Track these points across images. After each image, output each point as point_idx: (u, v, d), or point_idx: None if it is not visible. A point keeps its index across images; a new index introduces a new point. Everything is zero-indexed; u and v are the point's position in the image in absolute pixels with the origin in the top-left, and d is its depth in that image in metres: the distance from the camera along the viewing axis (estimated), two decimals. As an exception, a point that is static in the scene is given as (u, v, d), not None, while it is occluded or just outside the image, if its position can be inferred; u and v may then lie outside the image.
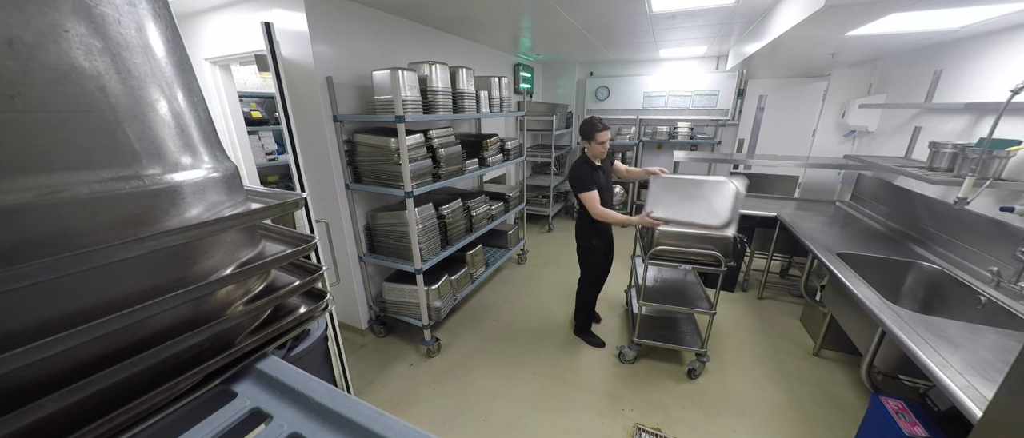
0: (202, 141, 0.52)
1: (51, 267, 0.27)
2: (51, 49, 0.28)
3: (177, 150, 0.46)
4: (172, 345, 0.36)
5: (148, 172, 0.39)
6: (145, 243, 0.34)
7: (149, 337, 0.38)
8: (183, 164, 0.46)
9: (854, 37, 2.52)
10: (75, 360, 0.32)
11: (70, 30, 0.29)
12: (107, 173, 0.35)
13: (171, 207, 0.41)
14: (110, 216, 0.36)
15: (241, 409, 0.48)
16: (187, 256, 0.43)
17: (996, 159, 1.95)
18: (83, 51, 0.31)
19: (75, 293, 0.31)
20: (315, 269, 0.56)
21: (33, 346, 0.25)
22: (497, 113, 3.36)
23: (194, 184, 0.46)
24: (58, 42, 0.29)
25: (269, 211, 0.50)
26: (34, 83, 0.28)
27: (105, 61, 0.38)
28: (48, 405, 0.27)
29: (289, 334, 0.55)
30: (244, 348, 0.49)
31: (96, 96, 0.34)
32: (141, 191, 0.38)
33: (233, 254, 0.49)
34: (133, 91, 0.41)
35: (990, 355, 1.37)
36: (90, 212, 0.34)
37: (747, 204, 3.52)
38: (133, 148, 0.38)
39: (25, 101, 0.28)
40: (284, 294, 0.52)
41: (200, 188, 0.47)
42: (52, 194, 0.30)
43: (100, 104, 0.35)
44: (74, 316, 0.30)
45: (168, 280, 0.39)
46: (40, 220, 0.29)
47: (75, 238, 0.32)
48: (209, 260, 0.45)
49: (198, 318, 0.42)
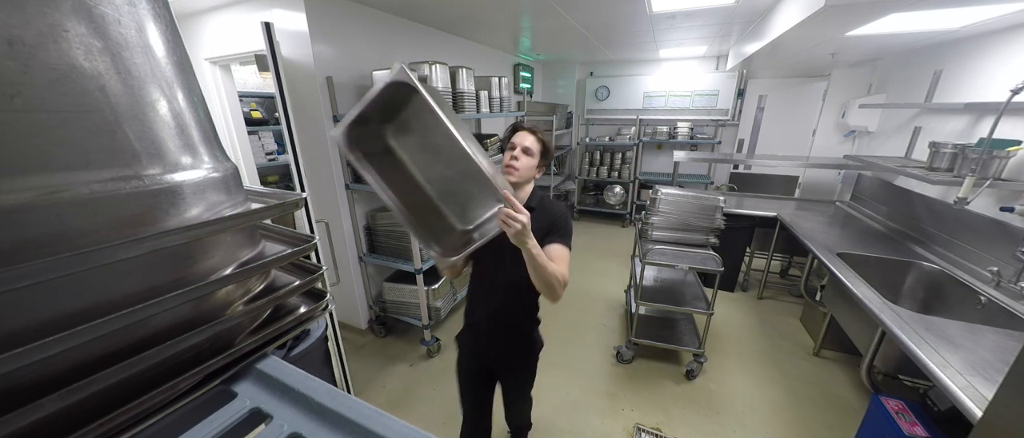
0: (202, 141, 0.52)
1: (51, 267, 0.27)
2: (51, 49, 0.28)
3: (177, 150, 0.46)
4: (172, 345, 0.36)
5: (148, 172, 0.39)
6: (145, 243, 0.34)
7: (149, 337, 0.38)
8: (183, 164, 0.47)
9: (854, 37, 2.52)
10: (75, 360, 0.32)
11: (70, 30, 0.29)
12: (107, 173, 0.35)
13: (171, 207, 0.41)
14: (110, 216, 0.36)
15: (241, 409, 0.48)
16: (187, 256, 0.43)
17: (996, 159, 1.95)
18: (83, 51, 0.31)
19: (75, 293, 0.31)
20: (315, 269, 0.56)
21: (32, 346, 0.25)
22: (497, 113, 3.36)
23: (194, 184, 0.46)
24: (58, 42, 0.29)
25: (269, 211, 0.50)
26: (34, 83, 0.28)
27: (105, 61, 0.38)
28: (48, 405, 0.27)
29: (289, 334, 0.55)
30: (244, 348, 0.49)
31: (96, 96, 0.34)
32: (141, 191, 0.38)
33: (233, 254, 0.49)
34: (133, 91, 0.41)
35: (990, 355, 1.37)
36: (90, 212, 0.34)
37: (748, 204, 3.53)
38: (133, 148, 0.38)
39: (25, 101, 0.28)
40: (284, 294, 0.52)
41: (200, 188, 0.47)
42: (52, 194, 0.30)
43: (100, 104, 0.35)
44: (74, 316, 0.30)
45: (168, 280, 0.39)
46: (40, 220, 0.29)
47: (75, 238, 0.32)
48: (209, 260, 0.45)
49: (198, 318, 0.42)
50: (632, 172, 5.53)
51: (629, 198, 5.61)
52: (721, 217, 2.55)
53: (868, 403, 1.77)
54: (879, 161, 2.83)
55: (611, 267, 4.21)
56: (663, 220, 2.64)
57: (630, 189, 5.58)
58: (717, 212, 2.55)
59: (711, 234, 2.59)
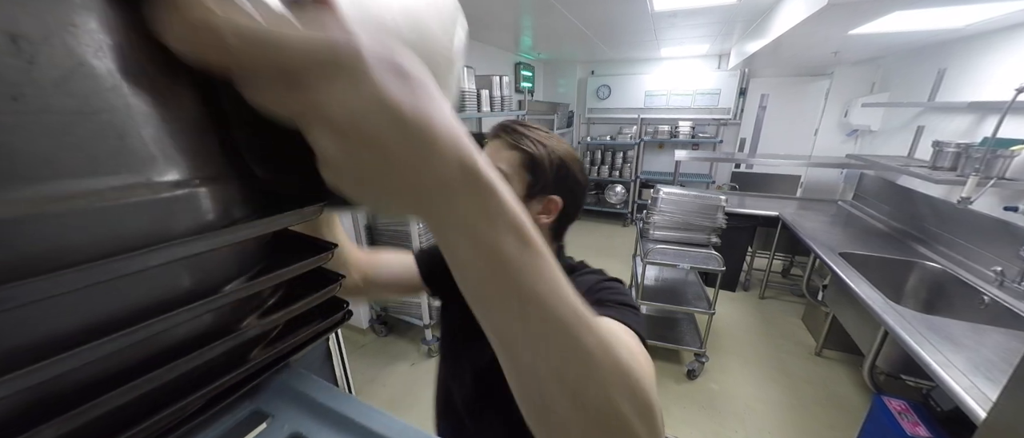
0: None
1: (54, 283, 0.27)
2: (57, 46, 0.27)
3: (194, 154, 0.44)
4: (182, 364, 0.35)
5: (162, 178, 0.38)
6: (158, 255, 0.33)
7: (159, 353, 0.37)
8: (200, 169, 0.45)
9: (857, 35, 2.51)
10: (77, 381, 0.31)
11: (78, 25, 0.28)
12: (118, 179, 0.33)
13: (185, 215, 0.39)
14: (121, 225, 0.34)
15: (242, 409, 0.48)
16: (200, 267, 0.42)
17: (1000, 158, 1.94)
18: (93, 48, 0.30)
19: (82, 308, 0.30)
20: (334, 277, 0.55)
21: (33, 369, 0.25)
22: (498, 112, 3.36)
23: (211, 190, 0.44)
24: (65, 38, 0.28)
25: (288, 218, 0.49)
26: (39, 82, 0.27)
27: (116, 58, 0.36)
28: (46, 432, 0.26)
29: (307, 346, 0.53)
30: (260, 363, 0.48)
31: (106, 96, 0.33)
32: (154, 198, 0.36)
33: (249, 263, 0.48)
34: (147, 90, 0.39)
35: (994, 355, 1.36)
36: (99, 221, 0.32)
37: (749, 203, 3.52)
38: (146, 152, 0.37)
39: (28, 102, 0.27)
40: (303, 305, 0.51)
41: (217, 194, 0.45)
42: (57, 203, 0.29)
43: (110, 105, 0.33)
44: (78, 334, 0.29)
45: (180, 292, 0.38)
46: (41, 232, 0.28)
47: (83, 249, 0.30)
48: (224, 270, 0.44)
49: (212, 331, 0.41)
50: (633, 171, 5.52)
51: (630, 197, 5.60)
52: (722, 216, 2.54)
53: (870, 403, 1.77)
54: (882, 160, 2.82)
55: (612, 267, 4.17)
56: (664, 219, 2.64)
57: (631, 188, 5.57)
58: (718, 211, 2.54)
59: (713, 233, 2.58)
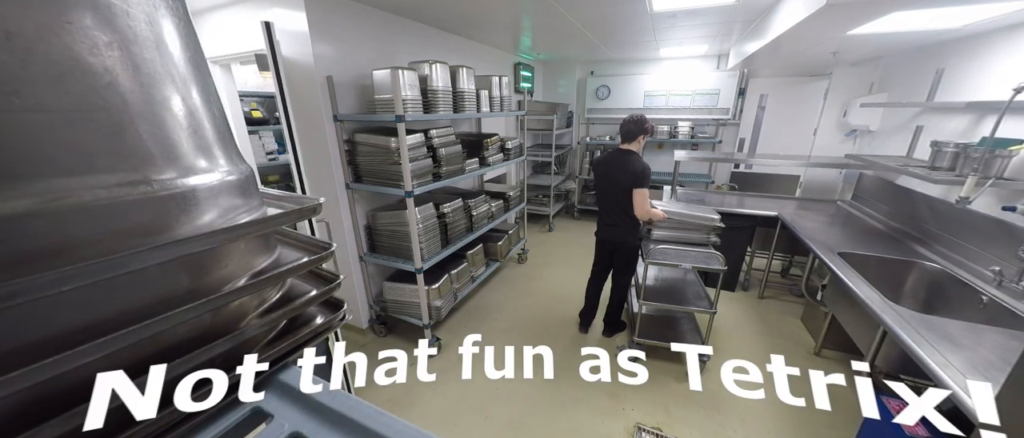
0: (217, 142, 0.49)
1: (53, 281, 0.26)
2: (53, 43, 0.26)
3: (191, 152, 0.42)
4: (182, 363, 0.35)
5: (159, 176, 0.37)
6: (157, 253, 0.32)
7: (157, 353, 0.36)
8: (197, 167, 0.43)
9: (855, 36, 2.52)
10: (80, 378, 0.30)
11: (74, 22, 0.27)
12: (114, 177, 0.33)
13: (183, 213, 0.38)
14: (118, 224, 0.33)
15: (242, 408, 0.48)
16: (200, 265, 0.41)
17: (998, 158, 1.94)
18: (88, 45, 0.29)
19: (79, 307, 0.29)
20: (333, 277, 0.54)
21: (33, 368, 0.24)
22: (497, 112, 3.35)
23: (209, 188, 0.43)
24: (60, 35, 0.27)
25: (287, 217, 0.48)
26: (34, 80, 0.27)
27: (112, 56, 0.36)
28: (48, 430, 0.25)
29: (305, 347, 0.53)
30: (259, 362, 0.47)
31: (102, 94, 0.32)
32: (151, 196, 0.35)
33: (248, 262, 0.47)
34: (143, 88, 0.38)
35: (992, 355, 1.36)
36: (96, 220, 0.31)
37: (749, 203, 3.52)
38: (143, 150, 0.36)
39: (24, 100, 0.26)
40: (302, 305, 0.50)
41: (215, 192, 0.43)
42: (55, 201, 0.28)
43: (107, 103, 0.33)
44: (78, 332, 0.29)
45: (179, 291, 0.37)
46: (40, 229, 0.27)
47: (80, 248, 0.30)
48: (223, 269, 0.43)
49: (211, 331, 0.41)
50: (633, 171, 5.52)
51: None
52: (716, 228, 2.58)
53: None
54: (881, 160, 2.83)
55: (612, 266, 4.20)
56: (664, 220, 2.64)
57: (631, 188, 5.56)
58: (712, 234, 2.60)
59: (711, 233, 2.59)
